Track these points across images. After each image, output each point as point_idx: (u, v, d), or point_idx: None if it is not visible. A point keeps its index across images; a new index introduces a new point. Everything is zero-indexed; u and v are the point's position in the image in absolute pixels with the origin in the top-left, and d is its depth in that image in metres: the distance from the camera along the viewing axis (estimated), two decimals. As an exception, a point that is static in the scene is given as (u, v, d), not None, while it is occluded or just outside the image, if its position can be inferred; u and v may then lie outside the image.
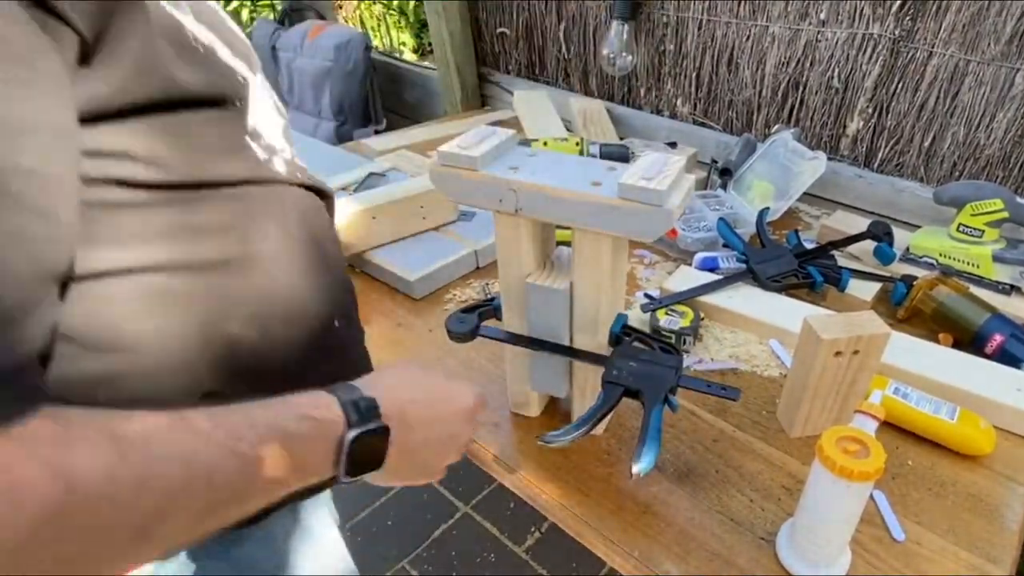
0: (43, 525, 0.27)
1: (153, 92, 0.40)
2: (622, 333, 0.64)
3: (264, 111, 0.53)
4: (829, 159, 1.20)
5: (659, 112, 1.51)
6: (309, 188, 0.59)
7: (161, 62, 0.40)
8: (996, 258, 0.95)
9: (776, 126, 1.30)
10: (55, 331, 0.33)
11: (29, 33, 0.31)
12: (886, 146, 1.20)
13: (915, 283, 0.90)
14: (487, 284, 1.02)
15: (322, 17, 2.32)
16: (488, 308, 0.70)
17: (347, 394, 0.42)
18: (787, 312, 0.89)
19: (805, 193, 1.15)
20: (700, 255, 1.02)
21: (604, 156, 0.70)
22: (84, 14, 0.34)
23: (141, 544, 0.32)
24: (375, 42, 3.17)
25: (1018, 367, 0.78)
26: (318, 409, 0.41)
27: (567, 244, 0.63)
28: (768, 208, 1.07)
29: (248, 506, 0.37)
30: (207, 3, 0.47)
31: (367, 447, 0.42)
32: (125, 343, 0.44)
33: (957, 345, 0.85)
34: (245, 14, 3.00)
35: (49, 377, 0.33)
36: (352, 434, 0.41)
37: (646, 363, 0.60)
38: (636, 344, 0.64)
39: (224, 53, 0.46)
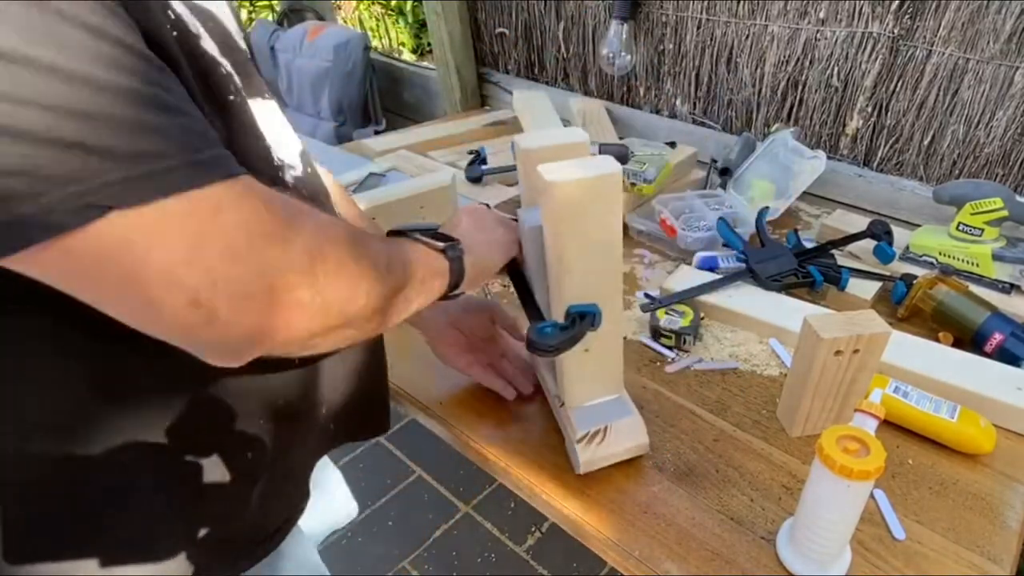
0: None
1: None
2: None
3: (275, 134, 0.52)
4: (829, 158, 1.20)
5: (658, 112, 1.51)
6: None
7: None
8: (996, 257, 0.94)
9: (776, 125, 1.30)
10: None
11: None
12: (886, 145, 1.20)
13: (915, 282, 0.90)
14: (486, 284, 1.02)
15: (321, 18, 2.32)
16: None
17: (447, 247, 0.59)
18: (787, 311, 0.89)
19: (805, 192, 1.15)
20: (700, 254, 1.02)
21: (599, 156, 0.69)
22: None
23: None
24: (374, 42, 3.17)
25: (1018, 365, 0.78)
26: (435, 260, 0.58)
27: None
28: (768, 207, 1.07)
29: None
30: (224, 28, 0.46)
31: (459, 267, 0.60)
32: None
33: (957, 344, 0.85)
34: (244, 15, 3.00)
35: None
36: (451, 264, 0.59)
37: None
38: None
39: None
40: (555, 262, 0.59)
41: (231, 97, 0.44)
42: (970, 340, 0.84)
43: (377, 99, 2.10)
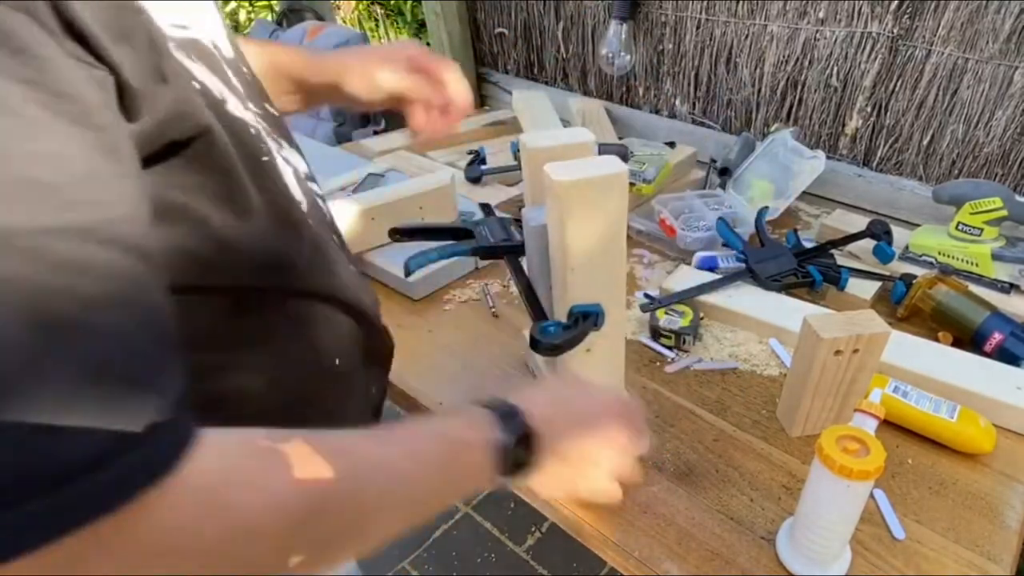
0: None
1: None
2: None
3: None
4: (828, 158, 1.20)
5: (658, 112, 1.51)
6: None
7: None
8: (995, 256, 0.95)
9: (775, 125, 1.30)
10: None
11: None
12: (885, 145, 1.20)
13: (914, 282, 0.90)
14: (486, 284, 1.02)
15: (320, 18, 2.32)
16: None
17: (495, 406, 0.45)
18: (786, 311, 0.89)
19: (804, 192, 1.15)
20: (699, 254, 1.02)
21: (603, 155, 0.69)
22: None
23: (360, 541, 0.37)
24: (373, 43, 3.17)
25: (1017, 365, 0.78)
26: (473, 426, 0.44)
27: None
28: (767, 207, 1.07)
29: (432, 506, 0.42)
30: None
31: (519, 451, 0.44)
32: None
33: (957, 344, 0.85)
34: (243, 15, 3.00)
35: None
36: (501, 437, 0.43)
37: None
38: None
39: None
40: (559, 261, 0.58)
41: (264, 158, 0.44)
42: (970, 340, 0.84)
43: (376, 99, 2.10)
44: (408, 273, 0.71)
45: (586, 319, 0.58)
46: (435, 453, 0.41)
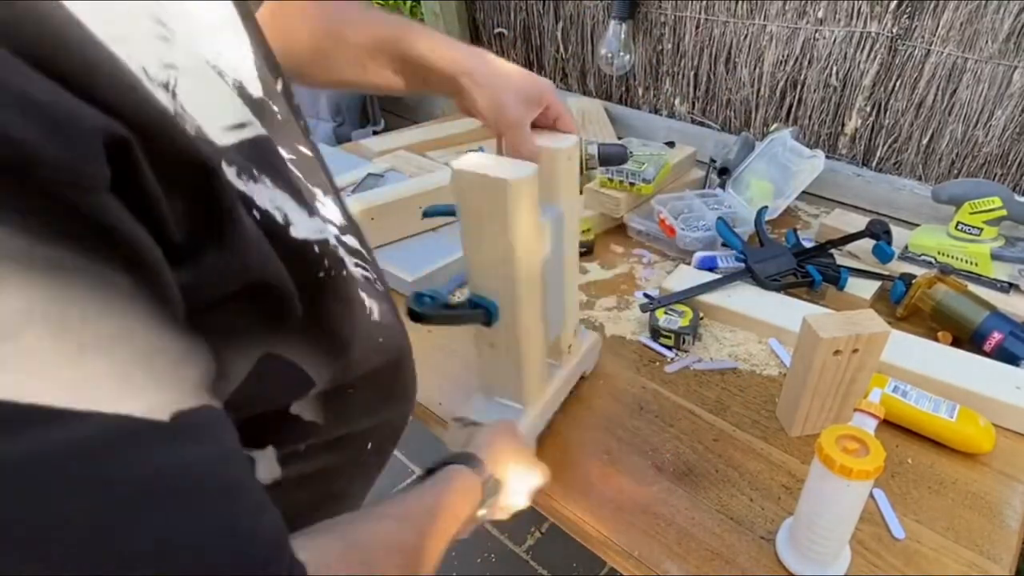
0: None
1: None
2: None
3: None
4: (827, 158, 1.20)
5: (657, 111, 1.51)
6: None
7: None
8: (994, 256, 0.95)
9: (774, 125, 1.30)
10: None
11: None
12: (884, 144, 1.20)
13: (914, 281, 0.90)
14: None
15: (320, 18, 2.31)
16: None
17: (481, 475, 0.54)
18: (786, 311, 0.89)
19: (803, 192, 1.15)
20: (699, 254, 1.02)
21: (602, 155, 0.69)
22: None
23: None
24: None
25: (1017, 365, 0.78)
26: (469, 492, 0.53)
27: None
28: (766, 207, 1.07)
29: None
30: None
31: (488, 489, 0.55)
32: None
33: (956, 343, 0.85)
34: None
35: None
36: (487, 504, 0.54)
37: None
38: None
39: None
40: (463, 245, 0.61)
41: (320, 274, 0.39)
42: (969, 339, 0.84)
43: (375, 99, 2.10)
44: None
45: (474, 308, 0.61)
46: (447, 527, 0.47)
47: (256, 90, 0.38)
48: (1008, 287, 0.94)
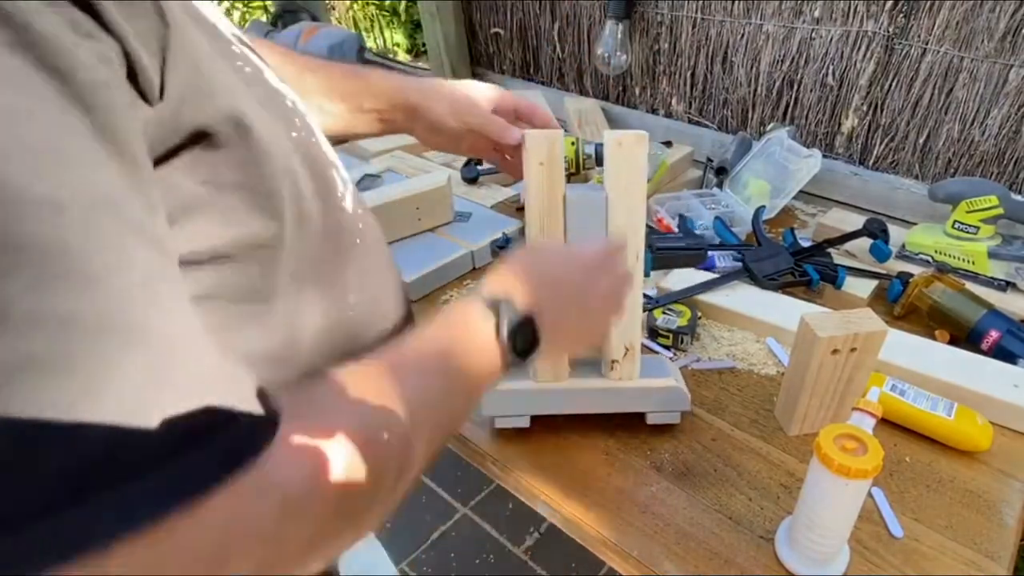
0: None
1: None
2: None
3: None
4: (824, 157, 1.20)
5: (654, 111, 1.51)
6: None
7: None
8: (991, 254, 0.95)
9: (771, 124, 1.30)
10: None
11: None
12: (881, 143, 1.20)
13: (911, 280, 0.90)
14: (483, 285, 1.02)
15: (315, 19, 2.31)
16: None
17: (491, 304, 0.46)
18: (784, 310, 0.89)
19: (801, 191, 1.15)
20: (696, 254, 1.02)
21: (600, 156, 0.69)
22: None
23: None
24: (368, 43, 3.16)
25: (1014, 363, 0.78)
26: (474, 329, 0.45)
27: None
28: (764, 206, 1.07)
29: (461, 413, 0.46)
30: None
31: (522, 336, 0.46)
32: None
33: (954, 342, 0.85)
34: (237, 15, 2.99)
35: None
36: (504, 334, 0.45)
37: None
38: None
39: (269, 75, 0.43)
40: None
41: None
42: (966, 338, 0.84)
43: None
44: None
45: None
46: (455, 378, 0.43)
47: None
48: (1005, 285, 0.94)
